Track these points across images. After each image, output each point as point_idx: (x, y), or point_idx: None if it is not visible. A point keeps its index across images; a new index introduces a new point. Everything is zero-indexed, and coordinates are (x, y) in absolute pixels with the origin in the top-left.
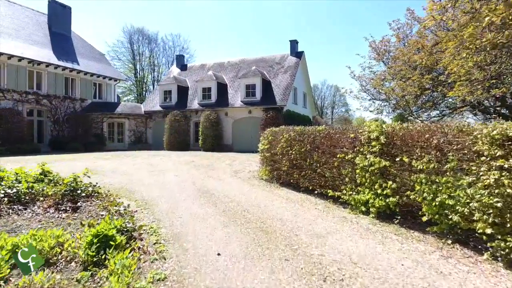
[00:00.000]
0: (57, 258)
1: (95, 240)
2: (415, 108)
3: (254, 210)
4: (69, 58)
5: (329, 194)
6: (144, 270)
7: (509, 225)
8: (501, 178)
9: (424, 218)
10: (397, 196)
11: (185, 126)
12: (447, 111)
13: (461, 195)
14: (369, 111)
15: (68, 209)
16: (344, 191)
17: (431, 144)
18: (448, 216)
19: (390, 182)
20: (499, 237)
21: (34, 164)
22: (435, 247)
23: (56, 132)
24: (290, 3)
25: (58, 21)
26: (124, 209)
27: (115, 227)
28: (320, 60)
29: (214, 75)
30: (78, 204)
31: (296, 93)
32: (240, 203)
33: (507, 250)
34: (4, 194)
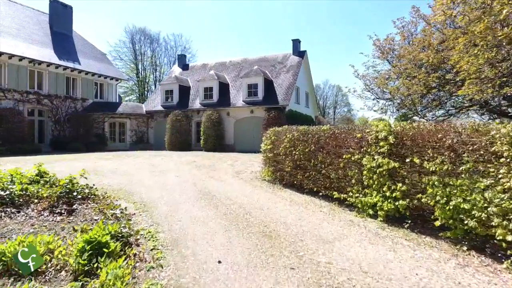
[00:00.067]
0: (46, 267)
1: (87, 247)
2: (421, 108)
3: (257, 213)
4: (70, 58)
5: (335, 196)
6: (140, 280)
7: None
8: None
9: (437, 223)
10: (407, 199)
11: (187, 126)
12: (453, 111)
13: (478, 199)
14: (373, 111)
15: (63, 212)
16: (351, 193)
17: (444, 145)
18: (464, 221)
19: (400, 184)
20: None
21: (34, 165)
22: (450, 254)
23: (57, 132)
24: (290, 3)
25: (59, 21)
26: (121, 212)
27: (109, 233)
28: (320, 60)
29: (216, 75)
30: (74, 207)
31: (299, 93)
32: (242, 206)
33: None
34: None
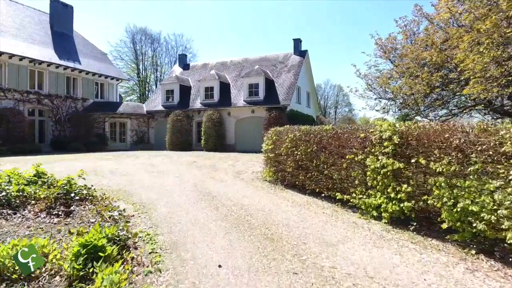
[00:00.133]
0: (40, 272)
1: (83, 251)
2: (423, 108)
3: (258, 215)
4: (71, 58)
5: (337, 197)
6: (137, 285)
7: None
8: None
9: (444, 225)
10: (413, 201)
11: (188, 126)
12: (456, 111)
13: (487, 201)
14: (375, 110)
15: (61, 214)
16: (354, 194)
17: (451, 145)
18: (472, 224)
19: (405, 186)
20: None
21: (32, 165)
22: (458, 258)
23: (58, 132)
24: (290, 3)
25: (60, 20)
26: (120, 214)
27: (106, 236)
28: (320, 60)
29: (217, 74)
30: (71, 208)
31: (300, 93)
32: (243, 207)
33: None
34: None
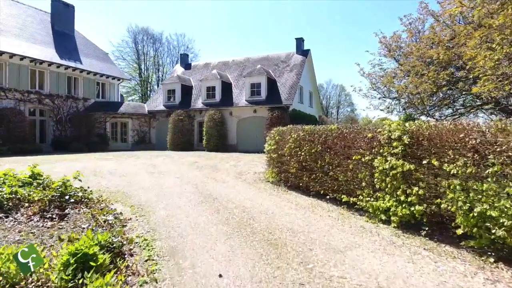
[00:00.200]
0: (26, 283)
1: (72, 260)
2: (429, 107)
3: (261, 218)
4: (72, 57)
5: (343, 200)
6: None
7: None
8: None
9: (459, 231)
10: (424, 204)
11: (189, 126)
12: (462, 110)
13: (508, 206)
14: (380, 110)
15: (55, 217)
16: (361, 197)
17: (467, 145)
18: (490, 230)
19: (416, 188)
20: None
21: (28, 166)
22: (476, 267)
23: (59, 132)
24: (290, 3)
25: (61, 20)
26: (115, 218)
27: (98, 243)
28: (320, 60)
29: (219, 74)
30: (66, 211)
31: (302, 92)
32: (246, 210)
33: None
34: None
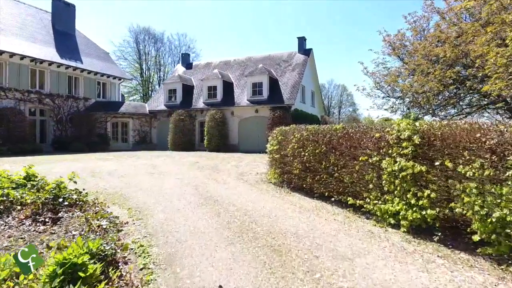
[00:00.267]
0: None
1: (59, 271)
2: (434, 106)
3: (264, 221)
4: (73, 57)
5: (349, 202)
6: None
7: None
8: None
9: (476, 237)
10: (437, 208)
11: (190, 126)
12: (468, 109)
13: None
14: (384, 109)
15: (48, 221)
16: (368, 200)
17: (484, 146)
18: (511, 237)
19: (428, 191)
20: None
21: (33, 166)
22: (496, 277)
23: (59, 132)
24: (290, 3)
25: (62, 19)
26: (110, 222)
27: (89, 251)
28: (320, 60)
29: (220, 74)
30: (60, 215)
31: (304, 92)
32: (247, 213)
33: None
34: None
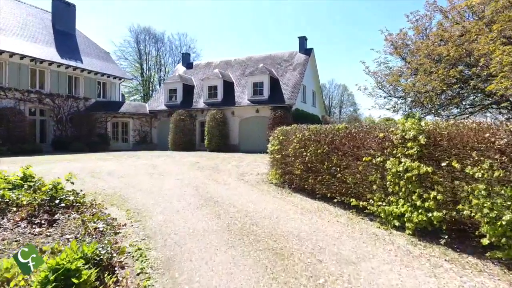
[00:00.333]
0: None
1: (52, 277)
2: (436, 106)
3: (265, 223)
4: (73, 57)
5: (352, 204)
6: None
7: None
8: None
9: (485, 241)
10: (444, 210)
11: (191, 126)
12: (470, 109)
13: None
14: (386, 109)
15: (44, 223)
16: (371, 201)
17: (493, 146)
18: None
19: (434, 193)
20: None
21: (32, 166)
22: (507, 283)
23: (59, 132)
24: (290, 3)
25: (62, 19)
26: (108, 224)
27: (84, 256)
28: (321, 60)
29: (220, 73)
30: (56, 217)
31: (305, 92)
32: (248, 214)
33: None
34: None
